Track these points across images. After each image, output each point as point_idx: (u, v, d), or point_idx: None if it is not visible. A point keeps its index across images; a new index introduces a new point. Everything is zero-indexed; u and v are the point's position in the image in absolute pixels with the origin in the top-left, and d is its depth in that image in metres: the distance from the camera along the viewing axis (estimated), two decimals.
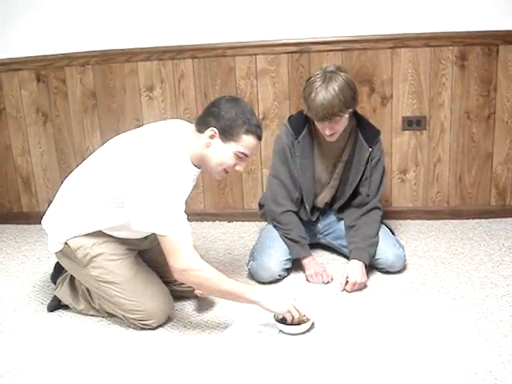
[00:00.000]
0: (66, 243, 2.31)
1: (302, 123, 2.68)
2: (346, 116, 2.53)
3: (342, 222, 2.81)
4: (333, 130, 2.55)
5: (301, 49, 3.15)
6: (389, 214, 3.17)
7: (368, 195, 2.71)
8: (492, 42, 3.04)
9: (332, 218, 2.87)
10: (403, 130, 3.23)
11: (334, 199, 2.85)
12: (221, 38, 3.23)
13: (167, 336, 2.25)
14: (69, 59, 3.37)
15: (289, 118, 2.77)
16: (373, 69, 3.16)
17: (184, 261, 2.13)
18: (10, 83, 3.48)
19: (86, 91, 3.40)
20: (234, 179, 3.44)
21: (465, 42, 3.05)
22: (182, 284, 2.40)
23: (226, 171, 2.25)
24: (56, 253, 2.40)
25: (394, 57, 3.12)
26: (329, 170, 2.78)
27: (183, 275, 2.16)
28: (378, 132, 2.73)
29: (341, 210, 2.82)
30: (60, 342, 2.24)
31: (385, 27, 3.10)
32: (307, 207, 2.76)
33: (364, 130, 2.69)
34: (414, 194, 3.34)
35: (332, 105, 2.44)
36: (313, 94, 2.47)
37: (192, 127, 2.27)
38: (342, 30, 3.12)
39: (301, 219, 2.79)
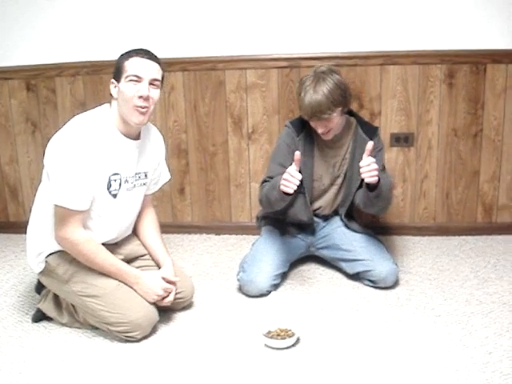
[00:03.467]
0: (46, 261, 2.32)
1: (303, 124, 2.72)
2: (336, 115, 2.56)
3: (338, 233, 2.82)
4: (325, 128, 2.59)
5: (291, 64, 3.18)
6: (376, 230, 3.17)
7: None
8: (480, 60, 3.08)
9: (327, 230, 2.87)
10: (391, 146, 3.25)
11: (338, 202, 2.85)
12: (212, 51, 3.25)
13: (152, 348, 2.24)
14: (59, 69, 3.37)
15: (290, 121, 2.81)
16: (361, 85, 3.18)
17: (66, 231, 2.21)
18: None
19: (76, 101, 3.40)
20: (223, 192, 3.45)
21: (453, 60, 3.09)
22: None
23: (136, 106, 2.22)
24: (37, 273, 2.41)
25: (383, 73, 3.15)
26: (330, 171, 2.78)
27: (62, 243, 2.26)
28: (376, 128, 2.79)
29: (348, 215, 2.83)
30: (44, 354, 2.22)
31: (374, 44, 3.13)
32: (308, 204, 2.74)
33: (363, 126, 2.75)
34: (401, 210, 3.35)
35: (320, 103, 2.49)
36: (302, 94, 2.54)
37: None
38: (332, 45, 3.15)
39: (301, 223, 2.80)
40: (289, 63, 3.17)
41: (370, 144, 2.44)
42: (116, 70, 2.25)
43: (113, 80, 2.26)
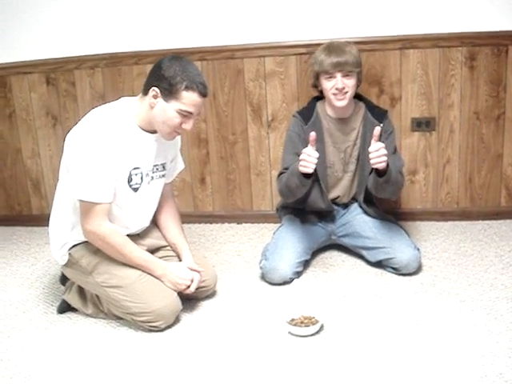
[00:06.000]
0: (69, 253, 2.34)
1: (310, 111, 2.75)
2: (355, 75, 2.63)
3: (358, 221, 2.81)
4: (344, 86, 2.60)
5: (309, 50, 3.15)
6: (398, 216, 3.16)
7: None
8: (501, 42, 3.03)
9: (347, 218, 2.86)
10: (412, 131, 3.22)
11: (355, 190, 2.85)
12: (229, 39, 3.24)
13: (176, 337, 2.25)
14: (78, 62, 3.39)
15: (297, 111, 2.84)
16: (381, 70, 3.15)
17: (93, 224, 2.23)
18: (19, 86, 3.51)
19: (96, 94, 3.41)
20: (243, 181, 3.45)
21: (474, 42, 3.04)
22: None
23: (175, 132, 2.26)
24: (61, 265, 2.44)
25: (403, 58, 3.12)
26: (341, 156, 2.78)
27: (89, 236, 2.28)
28: (386, 111, 2.80)
29: (366, 201, 2.82)
30: (70, 344, 2.25)
31: (393, 28, 3.09)
32: (323, 190, 2.74)
33: (372, 110, 2.76)
34: (424, 195, 3.33)
35: (346, 55, 2.59)
36: (325, 45, 2.67)
37: (139, 95, 2.31)
38: (350, 31, 3.11)
39: (320, 211, 2.81)
40: (307, 50, 3.14)
41: (378, 129, 2.44)
42: (168, 85, 2.17)
43: (157, 90, 2.19)
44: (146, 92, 2.24)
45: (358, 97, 2.77)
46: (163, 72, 2.17)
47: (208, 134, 3.40)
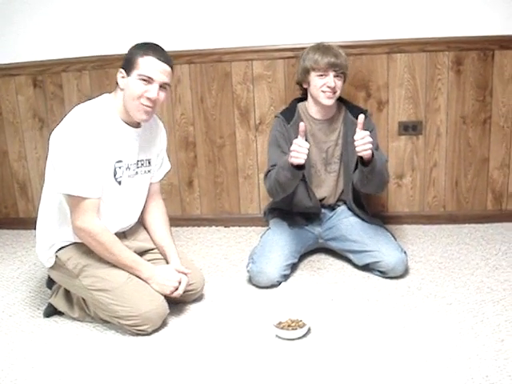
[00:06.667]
0: (56, 256, 2.33)
1: (292, 112, 2.79)
2: (343, 79, 2.70)
3: (345, 224, 2.82)
4: (334, 85, 2.65)
5: (297, 54, 3.13)
6: (385, 219, 3.17)
7: None
8: (488, 46, 3.05)
9: (334, 221, 2.87)
10: (399, 134, 3.24)
11: (341, 191, 2.88)
12: (217, 43, 3.24)
13: (163, 341, 2.24)
14: (65, 64, 3.38)
15: (279, 112, 2.87)
16: (369, 74, 3.16)
17: (83, 220, 2.22)
18: (6, 88, 3.49)
19: (83, 96, 3.40)
20: (231, 184, 3.45)
21: (460, 46, 3.06)
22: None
23: (142, 105, 2.24)
24: (48, 268, 2.43)
25: (390, 62, 3.13)
26: (323, 156, 2.81)
27: (79, 234, 2.26)
28: (366, 110, 2.83)
29: (356, 202, 2.85)
30: (56, 348, 2.23)
31: (380, 32, 3.11)
32: (309, 187, 2.76)
33: (352, 110, 2.80)
34: (411, 198, 3.34)
35: (338, 56, 2.66)
36: (317, 45, 2.73)
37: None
38: (337, 35, 3.13)
39: (308, 211, 2.82)
40: (295, 53, 3.14)
41: (362, 117, 2.47)
42: (127, 61, 2.25)
43: (122, 70, 2.26)
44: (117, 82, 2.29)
45: (338, 98, 2.80)
46: (126, 55, 2.27)
47: (196, 137, 3.40)
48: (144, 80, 2.21)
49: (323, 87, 2.66)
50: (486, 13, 3.03)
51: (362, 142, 2.43)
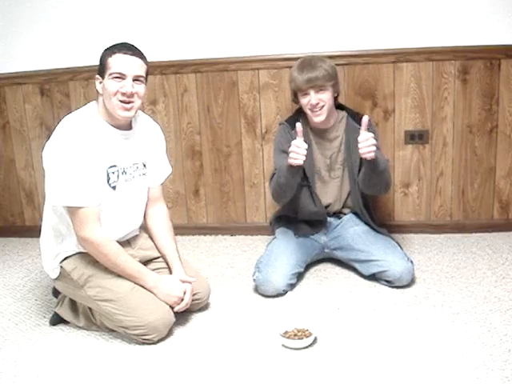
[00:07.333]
0: (60, 266, 2.33)
1: (295, 118, 2.77)
2: (329, 88, 2.67)
3: (351, 233, 2.82)
4: (318, 101, 2.64)
5: None
6: (391, 228, 3.16)
7: None
8: (494, 55, 3.05)
9: (340, 230, 2.87)
10: (406, 143, 3.23)
11: (346, 196, 2.88)
12: (224, 52, 3.25)
13: (169, 350, 2.24)
14: (73, 73, 3.39)
15: (284, 120, 2.89)
16: (375, 83, 3.17)
17: (86, 230, 2.22)
18: (13, 97, 3.51)
19: None
20: (237, 193, 3.45)
21: (467, 56, 3.06)
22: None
23: (119, 100, 2.24)
24: (53, 279, 2.43)
25: (396, 71, 3.13)
26: (327, 162, 2.82)
27: (83, 244, 2.27)
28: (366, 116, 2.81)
29: (366, 206, 2.85)
30: (62, 357, 2.23)
31: (387, 42, 3.11)
32: (313, 191, 2.78)
33: (354, 117, 2.79)
34: (417, 207, 3.33)
35: (316, 71, 2.63)
36: (297, 63, 2.71)
37: None
38: (344, 44, 3.13)
39: (312, 217, 2.82)
40: None
41: (366, 118, 2.47)
42: (100, 66, 2.28)
43: (98, 76, 2.29)
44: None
45: (339, 106, 2.82)
46: (99, 61, 2.30)
47: (202, 146, 3.41)
48: (117, 77, 2.23)
49: (308, 105, 2.68)
50: (492, 22, 3.03)
51: (366, 144, 2.44)
